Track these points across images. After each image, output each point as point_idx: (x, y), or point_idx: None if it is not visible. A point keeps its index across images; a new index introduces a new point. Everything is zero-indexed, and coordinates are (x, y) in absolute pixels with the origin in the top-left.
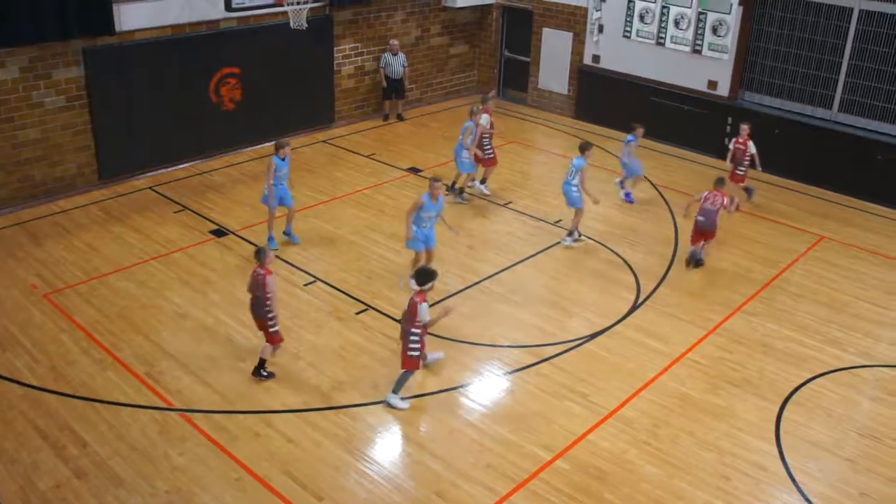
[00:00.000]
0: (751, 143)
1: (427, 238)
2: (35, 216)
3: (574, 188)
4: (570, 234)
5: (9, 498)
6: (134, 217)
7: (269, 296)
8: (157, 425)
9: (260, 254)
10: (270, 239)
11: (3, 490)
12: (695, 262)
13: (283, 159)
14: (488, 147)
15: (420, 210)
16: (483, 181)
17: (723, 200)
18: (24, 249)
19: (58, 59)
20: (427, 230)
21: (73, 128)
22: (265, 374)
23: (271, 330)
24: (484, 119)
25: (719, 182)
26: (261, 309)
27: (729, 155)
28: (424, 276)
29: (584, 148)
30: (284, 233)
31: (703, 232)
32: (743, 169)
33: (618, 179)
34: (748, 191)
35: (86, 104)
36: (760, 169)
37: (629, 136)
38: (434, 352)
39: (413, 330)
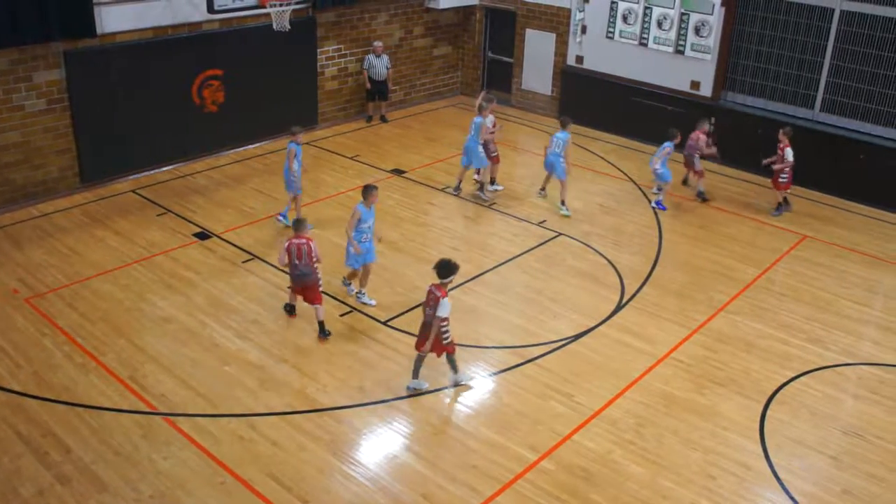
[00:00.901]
0: (788, 150)
1: (367, 251)
2: (16, 220)
3: (562, 159)
4: (564, 202)
5: None
6: (116, 220)
7: (316, 261)
8: (141, 429)
9: (298, 224)
10: (283, 216)
11: None
12: (701, 198)
13: (299, 144)
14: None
15: (359, 221)
16: (493, 181)
17: (704, 140)
18: (5, 254)
19: (38, 61)
20: (367, 242)
21: (54, 131)
22: (328, 332)
23: (320, 290)
24: (489, 120)
25: (700, 124)
26: (312, 275)
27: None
28: (446, 269)
29: (566, 122)
30: (282, 214)
31: (687, 165)
32: (785, 176)
33: (655, 198)
34: (781, 207)
35: (67, 107)
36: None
37: (667, 143)
38: (422, 381)
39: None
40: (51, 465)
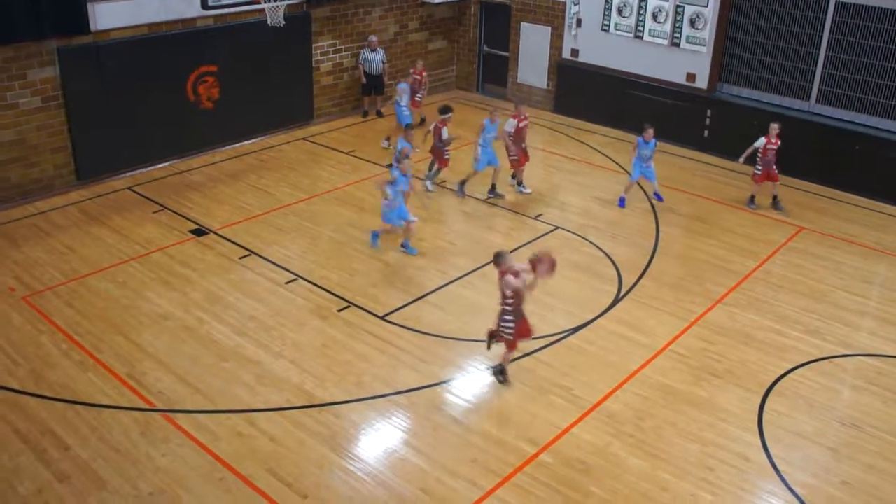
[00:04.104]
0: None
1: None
2: (12, 218)
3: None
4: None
5: None
6: (113, 217)
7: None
8: (140, 426)
9: (499, 256)
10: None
11: None
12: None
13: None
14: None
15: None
16: (520, 182)
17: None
18: (1, 252)
19: (32, 59)
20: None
21: (49, 128)
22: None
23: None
24: (510, 123)
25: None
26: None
27: (759, 157)
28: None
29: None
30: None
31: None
32: (759, 169)
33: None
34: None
35: (62, 104)
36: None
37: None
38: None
39: None
40: (49, 463)
